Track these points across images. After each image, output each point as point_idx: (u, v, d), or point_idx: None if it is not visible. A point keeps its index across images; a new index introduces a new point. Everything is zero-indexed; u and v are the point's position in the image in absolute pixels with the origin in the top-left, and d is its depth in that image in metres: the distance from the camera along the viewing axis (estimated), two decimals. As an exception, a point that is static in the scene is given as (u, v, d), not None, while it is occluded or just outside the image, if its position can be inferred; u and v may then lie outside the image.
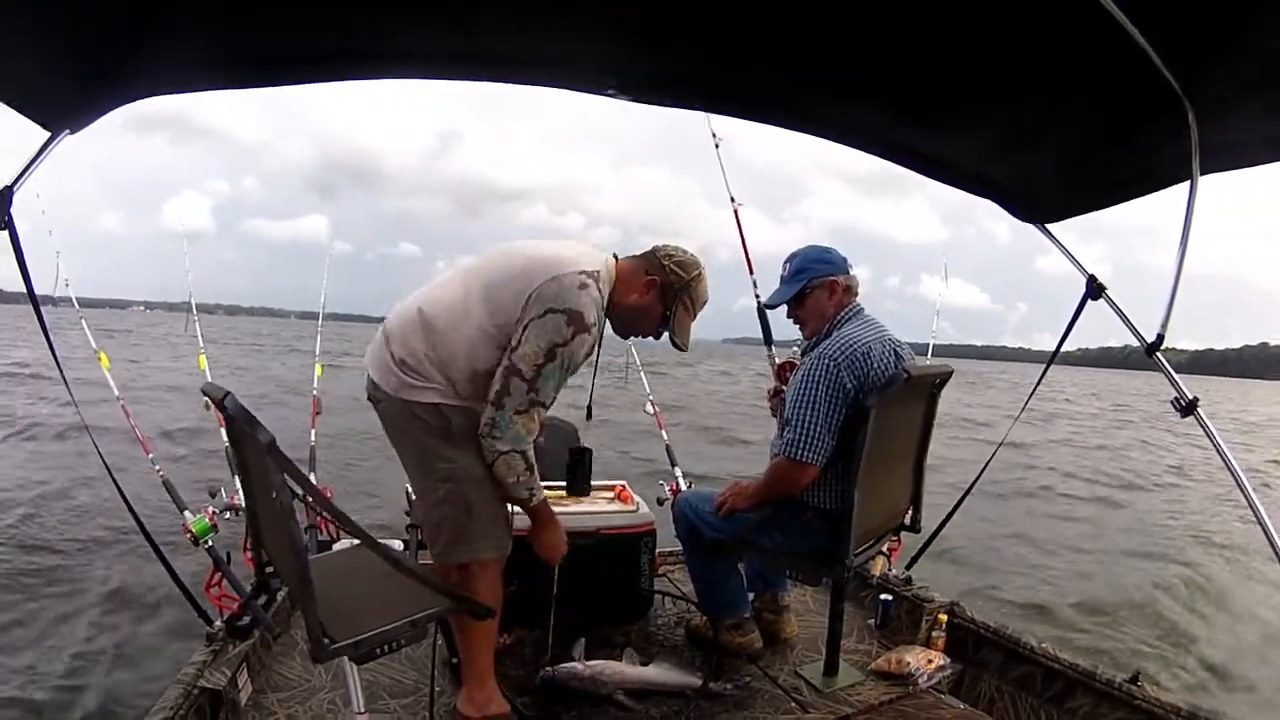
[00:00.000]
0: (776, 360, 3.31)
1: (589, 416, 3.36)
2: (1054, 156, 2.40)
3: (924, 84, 2.08)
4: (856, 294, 2.60)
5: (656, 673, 2.58)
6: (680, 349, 2.33)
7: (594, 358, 2.27)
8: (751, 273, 3.79)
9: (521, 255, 2.13)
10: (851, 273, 2.60)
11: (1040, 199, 2.64)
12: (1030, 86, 1.99)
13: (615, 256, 2.26)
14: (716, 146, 3.82)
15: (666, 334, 2.31)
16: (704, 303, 2.31)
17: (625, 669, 2.56)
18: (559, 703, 2.46)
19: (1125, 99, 1.92)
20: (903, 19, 1.76)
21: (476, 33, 1.99)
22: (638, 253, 2.29)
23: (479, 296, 2.08)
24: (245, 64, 2.01)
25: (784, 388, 2.97)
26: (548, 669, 2.53)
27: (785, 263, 2.65)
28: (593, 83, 2.25)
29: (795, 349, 3.08)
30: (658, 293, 2.23)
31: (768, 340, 3.58)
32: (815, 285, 2.56)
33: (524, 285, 2.04)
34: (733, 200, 3.91)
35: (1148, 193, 2.37)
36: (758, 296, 3.69)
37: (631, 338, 2.39)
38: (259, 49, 1.97)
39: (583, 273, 2.06)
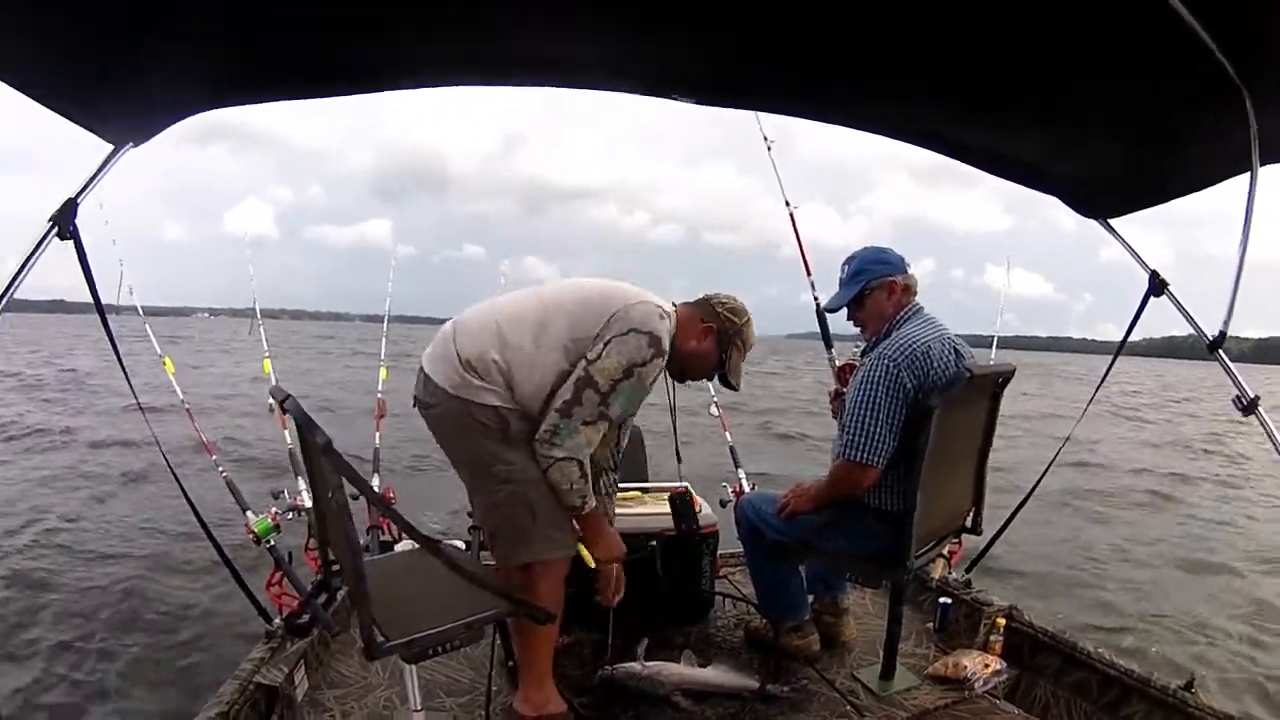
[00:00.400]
0: (837, 362, 3.27)
1: (679, 460, 3.36)
2: (1113, 151, 2.36)
3: (983, 81, 2.05)
4: (915, 293, 2.57)
5: (714, 674, 2.57)
6: (733, 389, 2.45)
7: (671, 404, 2.34)
8: (809, 274, 3.77)
9: (602, 283, 2.25)
10: (910, 271, 2.57)
11: (1101, 194, 2.60)
12: (1087, 80, 1.95)
13: (674, 304, 2.32)
14: (769, 149, 3.79)
15: (718, 377, 2.43)
16: (751, 345, 2.40)
17: (684, 670, 2.56)
18: (617, 702, 2.46)
19: (1182, 89, 1.88)
20: (961, 16, 1.73)
21: (536, 38, 2.01)
22: (691, 300, 2.37)
23: (561, 313, 2.14)
24: (302, 75, 2.05)
25: (844, 390, 2.96)
26: (607, 668, 2.54)
27: (843, 265, 2.63)
28: (659, 87, 2.28)
29: (855, 349, 3.06)
30: (714, 339, 2.31)
31: (827, 342, 3.55)
32: (874, 286, 2.54)
33: (606, 306, 2.13)
34: (788, 204, 3.86)
35: (1208, 185, 2.32)
36: (816, 299, 3.67)
37: (687, 381, 2.47)
38: (315, 61, 2.01)
39: (659, 307, 2.18)
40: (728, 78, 2.26)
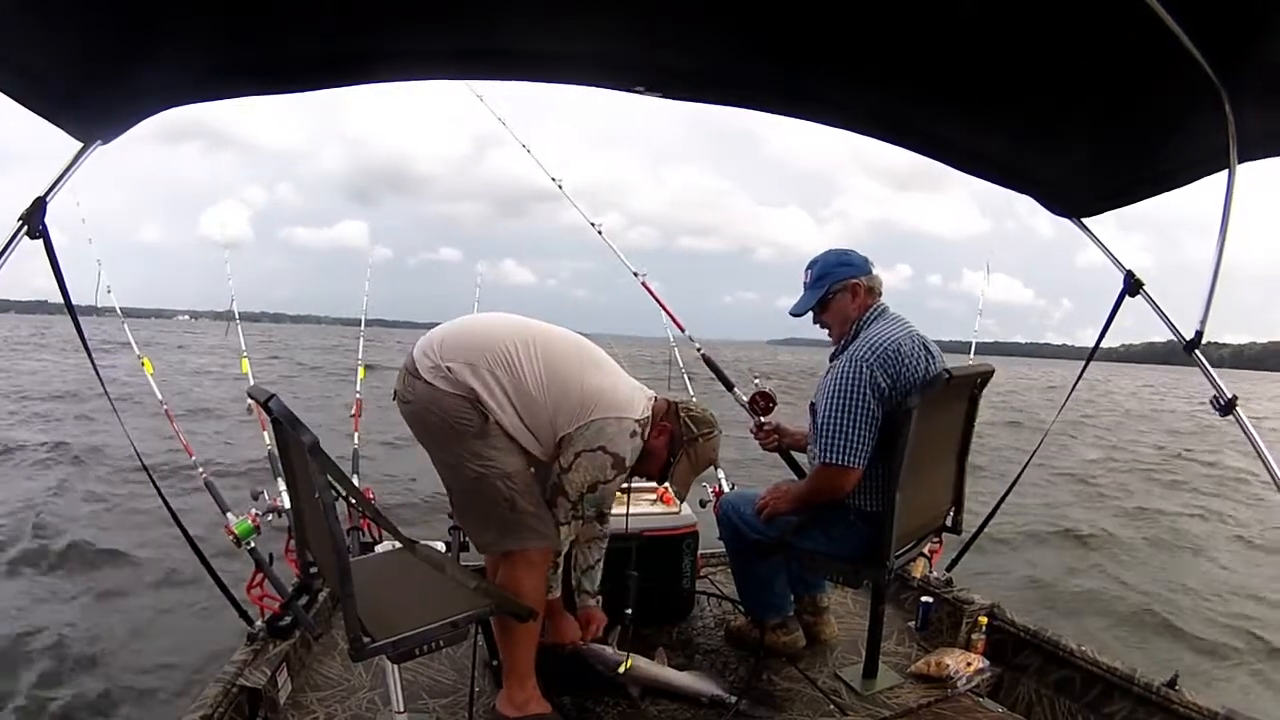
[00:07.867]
0: (744, 397, 3.33)
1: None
2: (1088, 148, 2.37)
3: (958, 77, 2.07)
4: (880, 294, 2.60)
5: (679, 676, 2.57)
6: (678, 497, 2.64)
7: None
8: (683, 330, 3.96)
9: (594, 370, 2.29)
10: (874, 272, 2.60)
11: (1076, 192, 2.61)
12: (1063, 77, 1.97)
13: (654, 398, 2.39)
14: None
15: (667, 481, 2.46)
16: (709, 462, 2.48)
17: (652, 666, 2.56)
18: (600, 702, 2.46)
19: (1160, 87, 1.90)
20: (937, 14, 1.75)
21: (502, 32, 2.01)
22: (669, 396, 2.44)
23: (558, 380, 2.20)
24: (274, 70, 2.04)
25: (765, 420, 3.05)
26: (581, 643, 2.55)
27: (806, 270, 2.66)
28: (621, 80, 2.28)
29: (757, 381, 3.23)
30: (666, 439, 2.35)
31: (727, 385, 3.65)
32: (837, 289, 2.56)
33: (587, 405, 2.20)
34: (636, 274, 3.96)
35: (1185, 183, 2.33)
36: (698, 349, 3.89)
37: (634, 478, 2.46)
38: (287, 55, 2.01)
39: (637, 421, 2.25)
40: (699, 73, 2.26)
